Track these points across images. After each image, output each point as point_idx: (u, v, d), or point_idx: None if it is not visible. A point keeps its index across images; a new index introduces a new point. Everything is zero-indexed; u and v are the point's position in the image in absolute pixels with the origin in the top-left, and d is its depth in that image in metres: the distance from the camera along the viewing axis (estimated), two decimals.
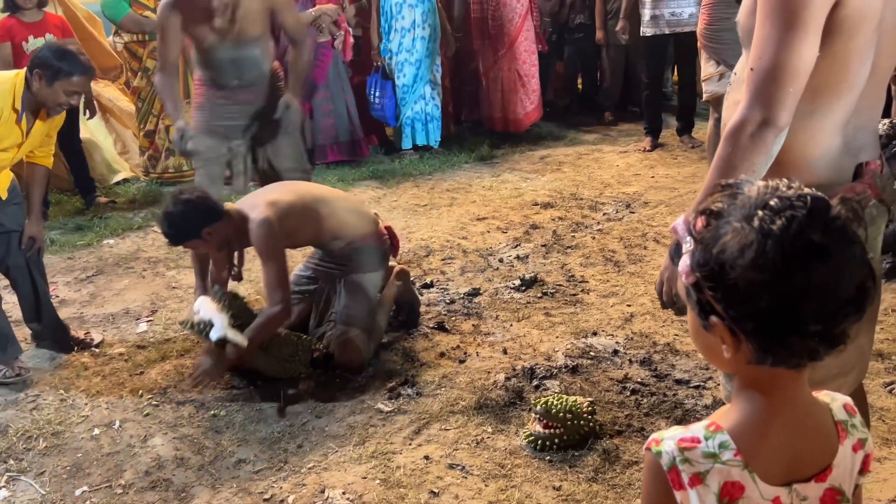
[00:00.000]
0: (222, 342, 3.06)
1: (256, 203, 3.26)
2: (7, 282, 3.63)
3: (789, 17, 1.56)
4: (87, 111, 5.75)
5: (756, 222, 0.96)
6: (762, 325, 0.98)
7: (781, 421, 1.06)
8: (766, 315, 0.97)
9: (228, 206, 3.30)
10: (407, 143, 6.85)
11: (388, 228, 3.61)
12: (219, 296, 3.22)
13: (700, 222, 1.03)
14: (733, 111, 1.69)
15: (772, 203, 0.97)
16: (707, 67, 4.83)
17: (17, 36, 5.15)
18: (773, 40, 1.58)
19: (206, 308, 3.14)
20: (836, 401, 1.14)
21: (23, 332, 3.70)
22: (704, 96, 4.92)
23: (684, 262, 1.04)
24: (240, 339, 3.05)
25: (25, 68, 3.20)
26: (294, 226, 3.28)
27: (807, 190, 0.99)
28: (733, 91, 1.83)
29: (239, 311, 3.23)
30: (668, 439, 1.07)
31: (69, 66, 3.16)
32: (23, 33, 5.17)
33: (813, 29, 1.56)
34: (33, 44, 5.15)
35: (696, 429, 1.07)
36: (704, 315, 1.03)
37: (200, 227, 3.15)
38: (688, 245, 1.04)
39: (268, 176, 4.04)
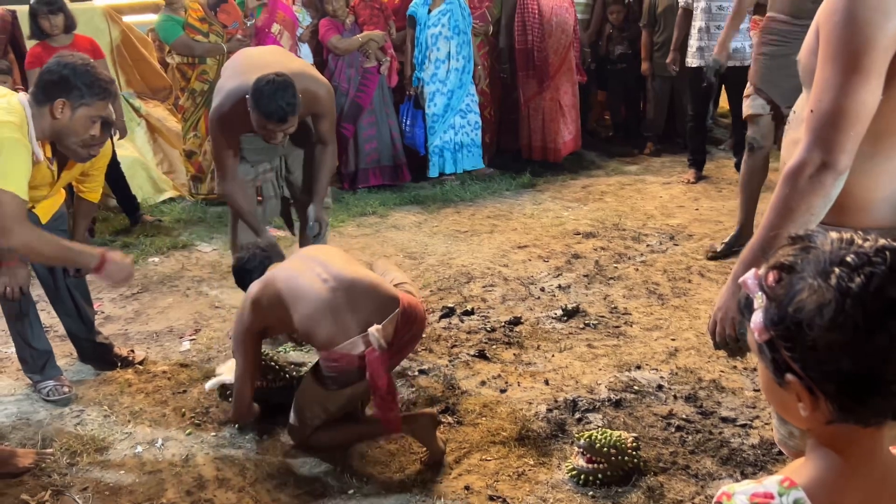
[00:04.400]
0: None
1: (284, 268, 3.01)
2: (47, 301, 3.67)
3: (851, 60, 1.55)
4: (118, 132, 5.67)
5: (833, 280, 0.92)
6: (843, 387, 0.94)
7: (859, 479, 1.01)
8: (847, 376, 0.93)
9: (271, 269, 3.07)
10: (434, 171, 6.85)
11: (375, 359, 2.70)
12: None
13: (772, 277, 1.00)
14: (792, 150, 1.67)
15: (849, 259, 0.93)
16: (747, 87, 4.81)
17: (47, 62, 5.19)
18: (835, 84, 1.57)
19: (221, 368, 3.37)
20: None
21: (69, 347, 3.75)
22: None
23: (757, 318, 1.00)
24: (221, 379, 3.22)
25: None
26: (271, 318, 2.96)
27: (884, 242, 0.95)
28: (792, 130, 1.81)
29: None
30: (739, 493, 1.02)
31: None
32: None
33: (875, 73, 1.55)
34: None
35: (770, 484, 1.02)
36: (780, 372, 0.99)
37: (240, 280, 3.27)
38: (760, 301, 1.00)
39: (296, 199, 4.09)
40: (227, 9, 6.19)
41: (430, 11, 6.51)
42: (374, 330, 2.66)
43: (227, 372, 3.24)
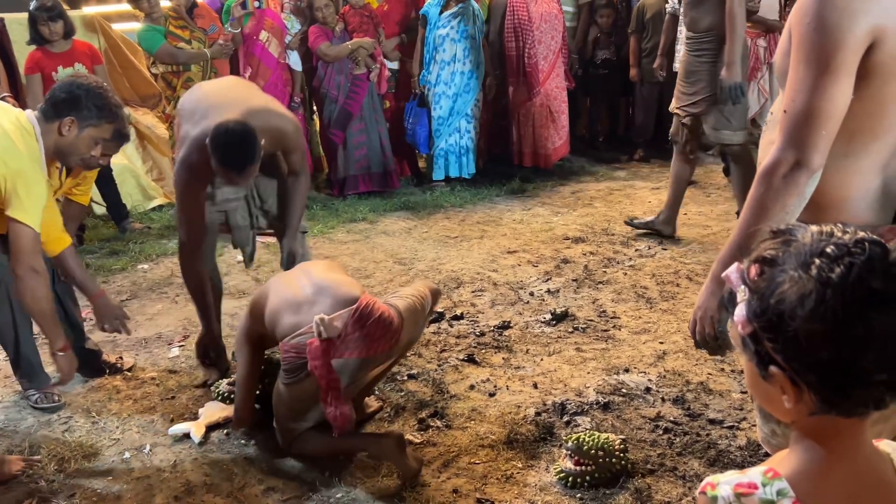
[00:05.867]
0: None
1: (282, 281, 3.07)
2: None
3: (822, 61, 1.59)
4: None
5: (814, 271, 0.94)
6: (825, 377, 0.95)
7: (842, 471, 1.02)
8: (828, 366, 0.94)
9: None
10: (439, 174, 6.90)
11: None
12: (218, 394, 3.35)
13: (754, 270, 1.01)
14: (768, 150, 1.70)
15: (828, 250, 0.95)
16: None
17: (47, 67, 5.23)
18: (807, 84, 1.61)
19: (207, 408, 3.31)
20: None
21: None
22: None
23: (740, 311, 1.01)
24: (183, 428, 3.18)
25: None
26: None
27: (863, 234, 0.97)
28: (768, 131, 1.84)
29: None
30: (723, 483, 1.04)
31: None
32: (52, 64, 5.24)
33: (845, 73, 1.60)
34: (62, 73, 5.23)
35: (754, 474, 1.04)
36: (763, 365, 1.00)
37: None
38: (742, 294, 1.02)
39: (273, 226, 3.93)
40: (200, 13, 6.21)
41: (441, 13, 6.56)
42: (317, 318, 2.67)
43: (204, 416, 3.23)
